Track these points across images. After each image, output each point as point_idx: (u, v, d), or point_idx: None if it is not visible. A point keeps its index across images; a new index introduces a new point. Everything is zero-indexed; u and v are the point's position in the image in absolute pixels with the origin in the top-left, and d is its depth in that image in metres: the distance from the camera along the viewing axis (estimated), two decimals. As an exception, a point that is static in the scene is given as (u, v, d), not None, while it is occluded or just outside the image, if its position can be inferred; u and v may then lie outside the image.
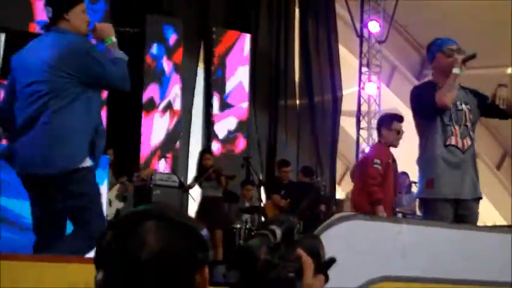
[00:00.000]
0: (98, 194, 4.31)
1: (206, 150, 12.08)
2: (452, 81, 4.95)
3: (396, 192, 7.33)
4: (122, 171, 10.68)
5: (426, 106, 4.94)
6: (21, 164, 4.16)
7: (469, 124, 5.07)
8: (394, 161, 7.12)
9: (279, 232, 1.87)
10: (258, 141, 14.14)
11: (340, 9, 15.02)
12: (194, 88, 13.56)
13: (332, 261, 1.89)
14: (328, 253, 1.93)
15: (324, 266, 1.87)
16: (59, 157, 4.05)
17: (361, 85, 14.57)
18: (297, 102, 14.86)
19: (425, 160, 4.98)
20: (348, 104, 15.40)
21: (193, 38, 13.67)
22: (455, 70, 4.96)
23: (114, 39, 4.41)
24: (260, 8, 14.46)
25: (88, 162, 4.14)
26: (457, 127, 4.98)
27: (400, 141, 7.13)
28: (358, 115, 14.89)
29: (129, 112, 12.46)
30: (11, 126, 4.23)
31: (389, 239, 3.90)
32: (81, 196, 4.08)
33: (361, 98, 14.78)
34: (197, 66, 13.72)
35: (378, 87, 14.83)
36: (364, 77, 14.70)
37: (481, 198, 5.06)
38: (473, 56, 5.23)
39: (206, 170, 11.15)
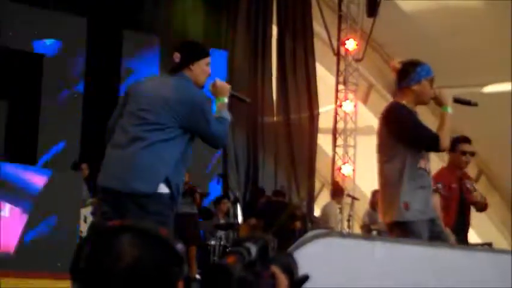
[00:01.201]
0: (170, 218, 4.65)
1: None
2: (450, 123, 4.98)
3: (468, 220, 7.18)
4: (96, 186, 10.60)
5: (431, 144, 4.93)
6: (108, 177, 4.53)
7: None
8: (461, 185, 7.04)
9: (253, 249, 1.87)
10: (235, 159, 14.12)
11: (318, 27, 15.09)
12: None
13: (305, 278, 1.90)
14: (302, 271, 1.93)
15: (297, 283, 1.88)
16: (145, 180, 4.41)
17: (338, 103, 14.62)
18: (274, 119, 14.88)
19: (398, 183, 4.96)
20: (325, 121, 15.44)
21: (171, 55, 13.60)
22: (449, 110, 4.98)
23: (226, 100, 4.89)
24: (237, 26, 14.48)
25: (165, 189, 4.49)
26: (424, 150, 4.99)
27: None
28: (335, 132, 14.93)
29: (105, 126, 12.37)
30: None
31: (364, 257, 3.89)
32: (155, 214, 4.37)
33: (338, 116, 14.83)
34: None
35: (354, 105, 14.88)
36: (340, 95, 14.76)
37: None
38: (468, 102, 5.33)
39: (181, 186, 11.12)
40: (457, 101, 5.21)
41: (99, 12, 12.49)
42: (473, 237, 16.35)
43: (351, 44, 14.72)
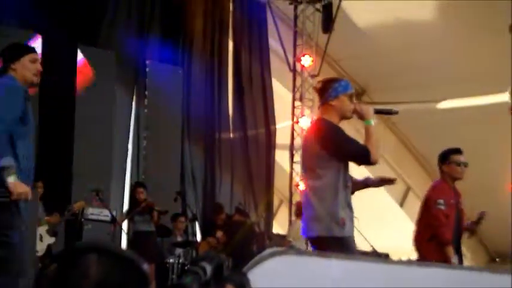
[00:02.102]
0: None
1: (139, 183, 11.95)
2: (376, 135, 5.04)
3: (461, 234, 7.10)
4: (52, 205, 10.49)
5: (362, 158, 5.01)
6: None
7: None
8: (458, 200, 6.99)
9: (209, 268, 1.90)
10: (192, 175, 14.06)
11: (274, 43, 15.13)
12: (130, 122, 13.43)
13: None
14: (259, 286, 1.94)
15: None
16: None
17: (295, 119, 14.65)
18: (231, 135, 14.86)
19: (333, 198, 4.95)
20: (282, 137, 15.45)
21: (127, 72, 13.57)
22: (372, 122, 5.03)
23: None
24: (194, 41, 14.46)
25: None
26: (357, 165, 5.12)
27: None
28: (292, 149, 14.95)
29: (61, 144, 12.28)
30: None
31: (319, 274, 3.89)
32: None
33: (295, 132, 14.84)
34: (132, 99, 13.62)
35: (311, 121, 14.90)
36: (297, 111, 14.80)
37: None
38: (391, 113, 5.34)
39: (139, 203, 11.07)
40: (379, 112, 5.28)
41: (54, 28, 12.37)
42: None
43: (307, 60, 14.78)
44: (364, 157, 4.97)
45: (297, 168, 14.95)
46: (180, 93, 14.11)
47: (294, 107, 14.74)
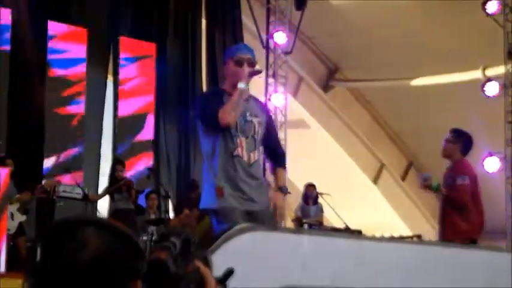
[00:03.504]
0: None
1: (119, 161, 11.91)
2: (238, 97, 4.78)
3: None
4: (23, 183, 10.40)
5: (209, 120, 4.77)
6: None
7: (257, 137, 4.92)
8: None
9: (178, 244, 1.84)
10: (167, 155, 14.01)
11: (247, 20, 15.05)
12: (104, 99, 13.35)
13: (230, 272, 1.92)
14: (228, 265, 1.94)
15: (223, 278, 1.90)
16: None
17: (268, 96, 14.60)
18: (205, 113, 14.76)
19: (212, 169, 4.79)
20: (255, 114, 15.40)
21: (100, 48, 13.46)
22: (241, 85, 4.79)
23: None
24: (168, 18, 14.36)
25: None
26: (243, 139, 4.83)
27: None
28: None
29: (32, 120, 12.19)
30: None
31: (290, 250, 3.87)
32: None
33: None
34: (106, 77, 13.52)
35: (284, 98, 14.88)
36: (270, 88, 14.74)
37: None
38: (258, 72, 5.22)
39: (118, 181, 11.10)
40: (251, 74, 4.95)
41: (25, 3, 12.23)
42: (404, 230, 16.64)
43: (280, 37, 14.70)
44: (213, 119, 4.72)
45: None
46: (148, 69, 14.00)
47: (267, 84, 14.67)
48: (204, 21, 15.03)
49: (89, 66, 13.09)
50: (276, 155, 5.20)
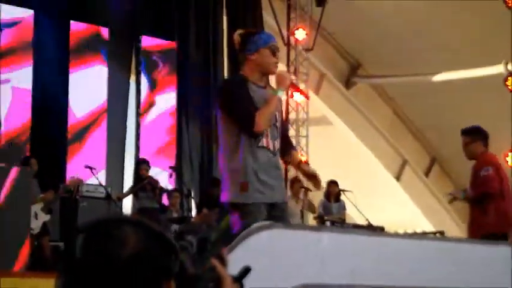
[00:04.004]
0: None
1: (143, 160, 11.96)
2: (275, 106, 4.65)
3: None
4: (47, 182, 10.45)
5: (242, 125, 4.58)
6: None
7: (278, 124, 4.76)
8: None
9: (195, 243, 1.92)
10: (189, 153, 14.02)
11: (268, 17, 15.02)
12: (127, 99, 13.40)
13: (247, 270, 1.90)
14: (247, 262, 1.93)
15: (239, 276, 1.89)
16: None
17: (289, 93, 14.56)
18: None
19: (236, 162, 4.59)
20: (277, 111, 15.37)
21: (121, 47, 13.51)
22: (280, 93, 4.69)
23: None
24: (188, 17, 14.36)
25: None
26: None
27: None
28: (287, 123, 14.87)
29: (55, 120, 12.27)
30: None
31: (310, 248, 3.84)
32: None
33: (289, 106, 14.76)
34: (128, 76, 13.56)
35: (306, 96, 14.82)
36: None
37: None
38: None
39: (142, 180, 11.15)
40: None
41: (46, 4, 12.31)
42: (427, 226, 16.56)
43: (301, 34, 14.67)
44: (246, 122, 4.53)
45: (292, 142, 14.90)
46: (175, 69, 14.06)
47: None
48: (225, 18, 15.02)
49: (111, 65, 13.16)
50: (287, 138, 5.09)
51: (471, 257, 4.32)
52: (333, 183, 12.54)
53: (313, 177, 4.95)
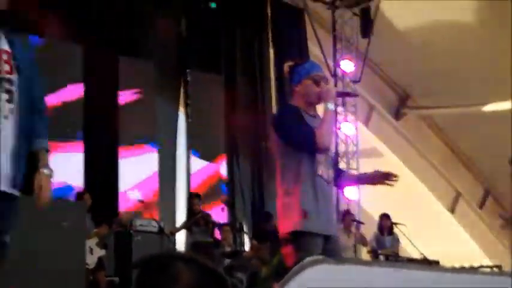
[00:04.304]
0: None
1: (195, 194, 11.98)
2: (330, 120, 4.69)
3: None
4: (100, 217, 10.50)
5: (304, 144, 4.60)
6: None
7: (331, 153, 4.83)
8: None
9: (244, 279, 1.90)
10: (240, 187, 13.99)
11: (313, 48, 14.97)
12: (176, 132, 13.44)
13: None
14: None
15: None
16: None
17: (338, 125, 14.44)
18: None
19: (292, 191, 4.58)
20: (325, 143, 15.27)
21: (169, 81, 13.61)
22: (331, 106, 4.68)
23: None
24: (235, 49, 14.43)
25: None
26: (322, 156, 4.66)
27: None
28: (336, 156, 14.74)
29: (107, 155, 12.35)
30: None
31: (363, 283, 3.67)
32: None
33: (338, 139, 14.62)
34: (177, 109, 13.62)
35: (355, 127, 14.70)
36: (340, 117, 14.58)
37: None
38: (354, 95, 5.10)
39: (195, 214, 11.15)
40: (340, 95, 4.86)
41: (95, 40, 12.45)
42: (483, 260, 16.19)
43: (347, 65, 14.58)
44: (308, 141, 4.56)
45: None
46: (222, 101, 14.08)
47: (336, 113, 14.51)
48: (271, 51, 15.01)
49: (159, 98, 13.25)
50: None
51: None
52: (385, 216, 12.38)
53: (385, 176, 4.89)
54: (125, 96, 12.89)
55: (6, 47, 3.62)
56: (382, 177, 4.91)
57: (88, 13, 12.44)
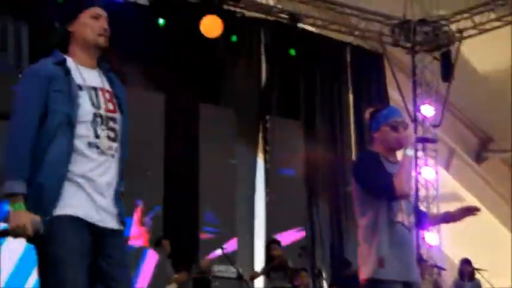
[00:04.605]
0: None
1: (274, 240, 12.00)
2: (409, 165, 4.61)
3: None
4: (179, 263, 10.61)
5: (383, 191, 4.56)
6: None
7: (412, 199, 4.76)
8: None
9: None
10: (320, 231, 13.96)
11: (393, 93, 14.98)
12: (255, 178, 13.53)
13: None
14: None
15: None
16: None
17: (418, 170, 14.35)
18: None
19: (372, 237, 4.57)
20: (405, 188, 15.15)
21: (249, 127, 13.74)
22: (409, 152, 4.62)
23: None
24: (314, 95, 14.50)
25: None
26: (403, 202, 4.62)
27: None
28: (416, 201, 14.63)
29: (187, 202, 12.48)
30: None
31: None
32: None
33: (418, 183, 14.52)
34: (255, 156, 13.74)
35: (435, 172, 14.58)
36: (420, 162, 14.49)
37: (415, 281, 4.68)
38: (434, 141, 5.04)
39: (274, 260, 11.17)
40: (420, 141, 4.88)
41: (177, 88, 12.71)
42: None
43: (428, 109, 14.51)
44: (386, 188, 4.51)
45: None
46: (302, 147, 14.14)
47: (416, 157, 14.45)
48: (351, 96, 15.07)
49: (239, 145, 13.38)
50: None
51: None
52: (466, 262, 12.20)
53: (467, 210, 4.87)
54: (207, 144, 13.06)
55: (107, 86, 3.68)
56: (465, 212, 4.87)
57: (170, 61, 12.73)
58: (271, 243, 11.71)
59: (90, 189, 3.49)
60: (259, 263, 12.22)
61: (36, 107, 3.46)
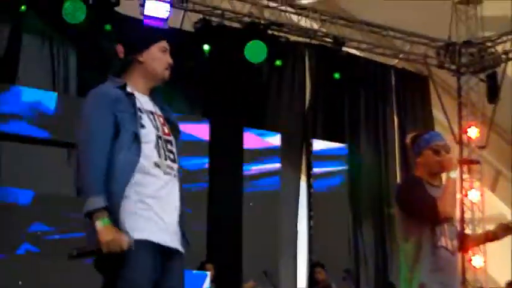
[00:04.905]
0: None
1: (318, 263, 12.00)
2: (453, 188, 4.62)
3: None
4: (224, 287, 10.69)
5: (426, 215, 4.58)
6: None
7: (455, 223, 4.77)
8: None
9: None
10: (364, 256, 13.94)
11: (438, 115, 14.94)
12: (298, 202, 13.58)
13: None
14: None
15: None
16: None
17: (464, 192, 14.28)
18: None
19: (415, 262, 4.57)
20: (451, 211, 15.06)
21: (293, 151, 13.82)
22: (453, 175, 4.62)
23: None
24: (359, 118, 14.54)
25: None
26: (446, 226, 4.64)
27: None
28: (462, 223, 14.54)
29: (230, 225, 12.56)
30: None
31: None
32: None
33: (464, 205, 14.44)
34: (299, 178, 13.79)
35: (481, 194, 14.49)
36: (465, 184, 14.42)
37: None
38: (477, 162, 5.00)
39: (317, 283, 11.17)
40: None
41: (221, 113, 12.85)
42: None
43: (473, 131, 14.44)
44: (430, 211, 4.52)
45: (469, 242, 14.47)
46: (346, 170, 14.18)
47: (462, 179, 14.38)
48: (395, 118, 15.07)
49: (283, 168, 13.46)
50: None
51: None
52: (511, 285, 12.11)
53: (508, 228, 4.91)
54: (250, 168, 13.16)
55: (159, 111, 3.82)
56: (506, 230, 4.90)
57: (214, 86, 12.92)
58: (315, 266, 11.72)
59: (160, 209, 3.58)
60: (302, 286, 12.23)
61: (110, 125, 3.56)
